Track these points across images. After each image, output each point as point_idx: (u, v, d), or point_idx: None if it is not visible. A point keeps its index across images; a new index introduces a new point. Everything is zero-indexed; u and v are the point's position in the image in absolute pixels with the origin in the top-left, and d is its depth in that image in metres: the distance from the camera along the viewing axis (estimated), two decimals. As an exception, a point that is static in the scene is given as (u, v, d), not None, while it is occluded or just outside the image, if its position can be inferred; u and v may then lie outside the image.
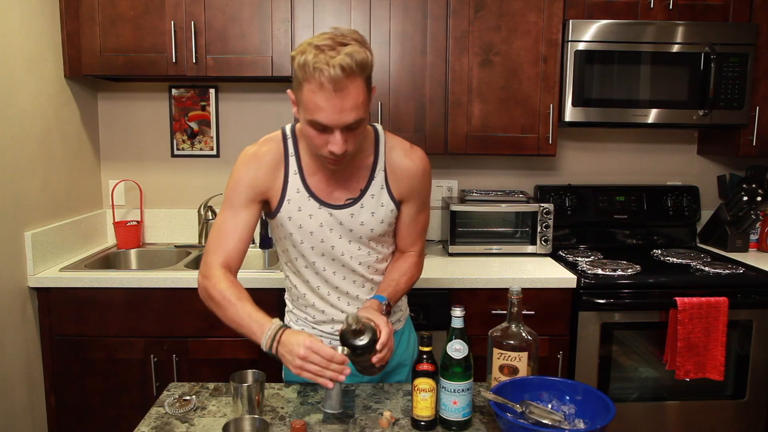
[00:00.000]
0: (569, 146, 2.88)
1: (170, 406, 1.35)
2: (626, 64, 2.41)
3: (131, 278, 2.21)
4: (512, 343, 1.27)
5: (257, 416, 1.20)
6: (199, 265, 2.59)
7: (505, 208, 2.58)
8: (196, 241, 2.80)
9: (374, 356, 1.24)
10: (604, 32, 2.39)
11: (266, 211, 1.44)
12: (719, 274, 2.31)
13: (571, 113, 2.44)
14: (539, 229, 2.55)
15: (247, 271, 2.39)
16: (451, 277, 2.23)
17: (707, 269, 2.36)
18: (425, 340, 1.25)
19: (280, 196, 1.38)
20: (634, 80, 2.42)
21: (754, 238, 2.76)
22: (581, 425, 1.17)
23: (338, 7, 2.38)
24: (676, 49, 2.42)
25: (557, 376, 2.25)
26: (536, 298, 2.23)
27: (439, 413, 1.25)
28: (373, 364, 1.25)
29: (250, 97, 2.79)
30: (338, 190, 1.39)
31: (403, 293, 1.48)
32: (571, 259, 2.51)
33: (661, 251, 2.67)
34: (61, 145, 2.43)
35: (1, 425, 2.03)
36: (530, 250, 2.57)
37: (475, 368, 1.24)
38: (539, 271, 2.33)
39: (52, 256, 2.31)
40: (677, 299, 2.16)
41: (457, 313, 1.23)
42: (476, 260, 2.49)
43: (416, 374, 1.23)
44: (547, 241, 2.56)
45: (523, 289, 1.30)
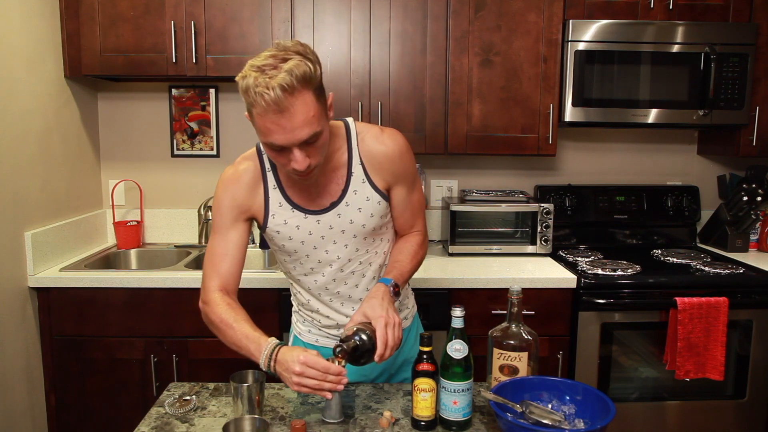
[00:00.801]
0: (569, 146, 2.88)
1: (170, 406, 1.35)
2: (626, 64, 2.41)
3: (131, 278, 2.21)
4: (512, 343, 1.27)
5: (257, 416, 1.20)
6: (199, 265, 2.60)
7: (505, 208, 2.58)
8: (196, 241, 2.80)
9: (375, 355, 1.23)
10: (604, 32, 2.39)
11: (258, 226, 1.43)
12: (719, 274, 2.31)
13: (571, 113, 2.44)
14: (539, 229, 2.55)
15: (247, 271, 2.38)
16: (451, 277, 2.23)
17: (707, 269, 2.36)
18: (425, 340, 1.25)
19: (264, 212, 1.37)
20: (634, 80, 2.42)
21: (754, 238, 2.76)
22: (581, 425, 1.17)
23: (338, 7, 2.38)
24: (676, 49, 2.42)
25: (557, 376, 2.25)
26: (536, 298, 2.23)
27: (439, 413, 1.25)
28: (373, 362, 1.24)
29: (250, 97, 2.78)
30: (320, 195, 1.37)
31: (410, 274, 1.45)
32: (571, 259, 2.51)
33: (661, 251, 2.67)
34: (61, 145, 2.43)
35: (1, 425, 2.03)
36: (530, 250, 2.57)
37: (475, 368, 1.24)
38: (539, 271, 2.33)
39: (52, 256, 2.31)
40: (677, 299, 2.16)
41: (457, 313, 1.23)
42: (476, 260, 2.49)
43: (416, 374, 1.23)
44: (547, 241, 2.56)
45: (523, 289, 1.30)
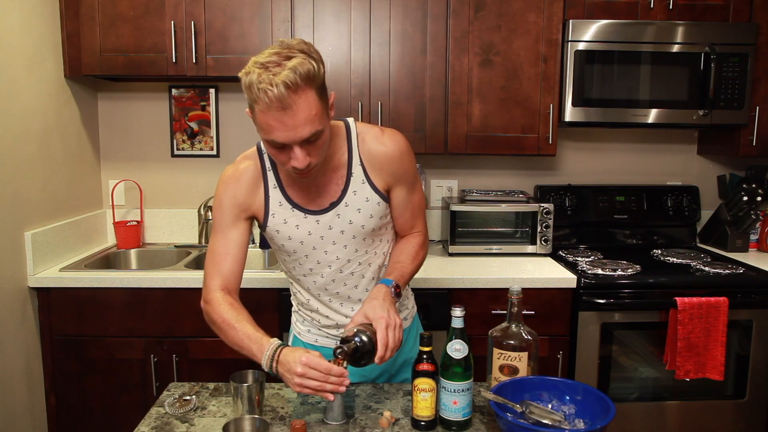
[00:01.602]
0: (569, 146, 2.88)
1: (170, 406, 1.35)
2: (626, 64, 2.41)
3: (131, 278, 2.21)
4: (512, 343, 1.27)
5: (257, 416, 1.20)
6: (199, 265, 2.60)
7: (505, 208, 2.58)
8: (196, 241, 2.80)
9: (375, 357, 1.23)
10: (604, 32, 2.39)
11: (258, 225, 1.43)
12: (719, 274, 2.31)
13: (571, 113, 2.44)
14: (539, 229, 2.55)
15: (247, 271, 2.37)
16: (451, 277, 2.23)
17: (707, 269, 2.36)
18: (425, 340, 1.25)
19: (264, 211, 1.37)
20: (634, 80, 2.42)
21: (754, 238, 2.76)
22: (581, 425, 1.17)
23: (338, 7, 2.38)
24: (676, 49, 2.42)
25: (557, 376, 2.25)
26: (536, 298, 2.23)
27: (439, 413, 1.25)
28: (374, 363, 1.24)
29: (250, 97, 2.78)
30: (320, 195, 1.37)
31: (411, 274, 1.45)
32: (571, 259, 2.51)
33: (661, 251, 2.67)
34: (61, 145, 2.43)
35: (1, 425, 2.03)
36: (530, 250, 2.57)
37: (475, 368, 1.24)
38: (539, 271, 2.33)
39: (52, 256, 2.31)
40: (677, 299, 2.16)
41: (457, 313, 1.23)
42: (476, 260, 2.49)
43: (416, 374, 1.23)
44: (547, 241, 2.56)
45: (523, 289, 1.29)
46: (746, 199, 2.64)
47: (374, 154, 1.37)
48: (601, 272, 2.30)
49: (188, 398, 1.38)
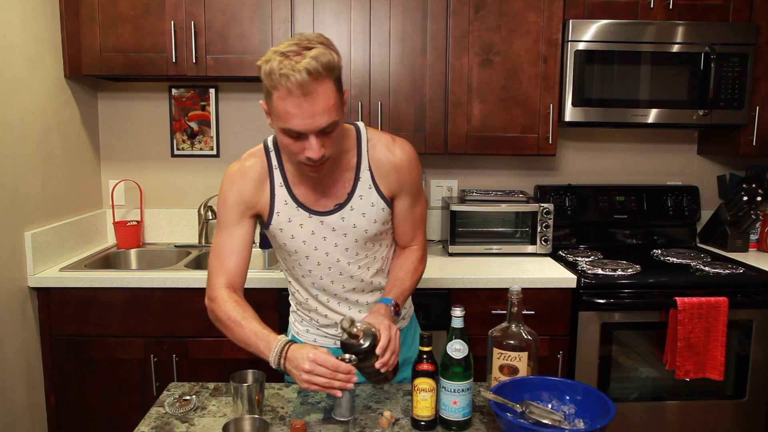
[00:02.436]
0: (569, 146, 2.88)
1: (170, 406, 1.35)
2: (626, 64, 2.41)
3: (131, 278, 2.21)
4: (512, 343, 1.27)
5: (257, 416, 1.20)
6: (199, 265, 2.60)
7: (505, 208, 2.58)
8: (196, 241, 2.80)
9: (377, 361, 1.23)
10: (604, 32, 2.39)
11: (260, 223, 1.43)
12: (719, 274, 2.31)
13: (571, 113, 2.44)
14: (539, 229, 2.55)
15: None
16: (451, 277, 2.23)
17: (707, 269, 2.36)
18: (425, 340, 1.25)
19: (269, 209, 1.37)
20: (634, 80, 2.42)
21: (754, 238, 2.76)
22: (581, 425, 1.17)
23: (338, 7, 2.38)
24: (676, 49, 2.42)
25: (557, 376, 2.25)
26: (536, 298, 2.23)
27: (439, 413, 1.25)
28: (377, 370, 1.24)
29: (250, 97, 2.79)
30: (326, 196, 1.37)
31: (410, 291, 1.47)
32: (571, 259, 2.51)
33: (661, 251, 2.67)
34: (61, 145, 2.43)
35: (1, 425, 2.03)
36: (530, 250, 2.57)
37: (475, 368, 1.24)
38: (539, 271, 2.33)
39: (52, 256, 2.31)
40: (677, 299, 2.16)
41: (457, 313, 1.23)
42: (476, 260, 2.49)
43: (416, 374, 1.23)
44: (547, 241, 2.56)
45: (523, 289, 1.29)
46: (746, 199, 2.64)
47: (383, 161, 1.38)
48: (601, 272, 2.30)
49: (188, 398, 1.38)
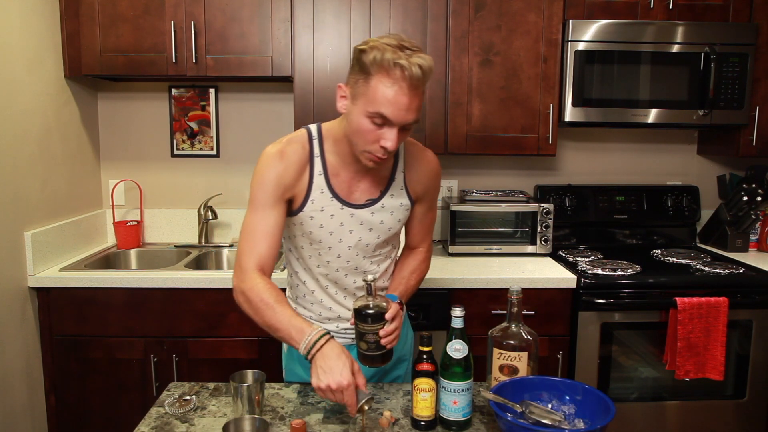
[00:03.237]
0: (569, 146, 2.88)
1: (170, 406, 1.35)
2: (626, 64, 2.41)
3: (131, 278, 2.21)
4: (512, 343, 1.27)
5: (257, 416, 1.20)
6: (198, 265, 2.60)
7: (505, 208, 2.58)
8: (196, 241, 2.80)
9: (382, 330, 1.28)
10: (604, 32, 2.39)
11: (288, 208, 1.44)
12: (719, 274, 2.31)
13: (571, 113, 2.44)
14: (539, 229, 2.55)
15: (247, 271, 2.40)
16: (451, 277, 2.23)
17: (707, 269, 2.36)
18: (425, 340, 1.25)
19: (304, 195, 1.39)
20: (634, 80, 2.42)
21: (754, 238, 2.76)
22: (581, 425, 1.17)
23: (338, 7, 2.38)
24: (676, 49, 2.42)
25: (557, 376, 2.25)
26: (536, 298, 2.23)
27: (439, 413, 1.25)
28: (377, 341, 1.28)
29: (250, 97, 2.79)
30: (359, 190, 1.42)
31: (413, 290, 1.53)
32: (571, 259, 2.51)
33: (661, 251, 2.67)
34: (61, 145, 2.43)
35: (1, 425, 2.03)
36: (530, 250, 2.57)
37: (475, 368, 1.24)
38: (539, 271, 2.33)
39: (52, 256, 2.31)
40: (677, 299, 2.16)
41: (457, 313, 1.23)
42: (476, 260, 2.49)
43: (416, 374, 1.23)
44: (547, 241, 2.56)
45: (523, 289, 1.30)
46: (746, 199, 2.64)
47: (417, 166, 1.47)
48: (601, 272, 2.30)
49: (188, 398, 1.38)
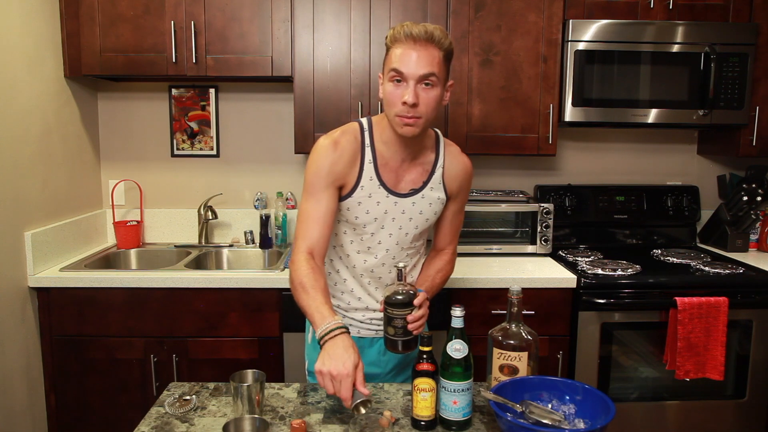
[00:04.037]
0: (569, 146, 2.88)
1: (170, 406, 1.35)
2: (626, 64, 2.41)
3: (131, 278, 2.21)
4: (512, 343, 1.27)
5: (257, 416, 1.20)
6: (199, 264, 2.61)
7: (505, 208, 2.58)
8: (196, 241, 2.80)
9: (410, 315, 1.34)
10: (604, 32, 2.39)
11: (339, 194, 1.50)
12: (719, 274, 2.31)
13: (571, 113, 2.44)
14: (539, 229, 2.55)
15: (246, 270, 2.40)
16: (451, 276, 2.22)
17: (707, 269, 2.36)
18: (425, 340, 1.25)
19: (355, 182, 1.47)
20: (634, 80, 2.42)
21: (754, 238, 2.77)
22: (581, 425, 1.17)
23: (338, 7, 2.38)
24: (676, 49, 2.42)
25: (557, 376, 2.25)
26: (536, 298, 2.23)
27: (439, 413, 1.25)
28: (405, 326, 1.34)
29: (250, 97, 2.79)
30: (404, 180, 1.51)
31: (438, 288, 1.60)
32: (571, 259, 2.51)
33: (661, 251, 2.67)
34: (61, 145, 2.43)
35: (1, 425, 2.03)
36: (530, 250, 2.57)
37: (475, 368, 1.24)
38: (539, 271, 2.33)
39: (52, 256, 2.31)
40: (677, 299, 2.16)
41: (457, 313, 1.23)
42: (476, 260, 2.49)
43: (416, 374, 1.23)
44: (547, 241, 2.56)
45: (523, 289, 1.30)
46: (746, 199, 2.64)
47: (455, 165, 1.56)
48: (601, 272, 2.30)
49: (188, 398, 1.38)
